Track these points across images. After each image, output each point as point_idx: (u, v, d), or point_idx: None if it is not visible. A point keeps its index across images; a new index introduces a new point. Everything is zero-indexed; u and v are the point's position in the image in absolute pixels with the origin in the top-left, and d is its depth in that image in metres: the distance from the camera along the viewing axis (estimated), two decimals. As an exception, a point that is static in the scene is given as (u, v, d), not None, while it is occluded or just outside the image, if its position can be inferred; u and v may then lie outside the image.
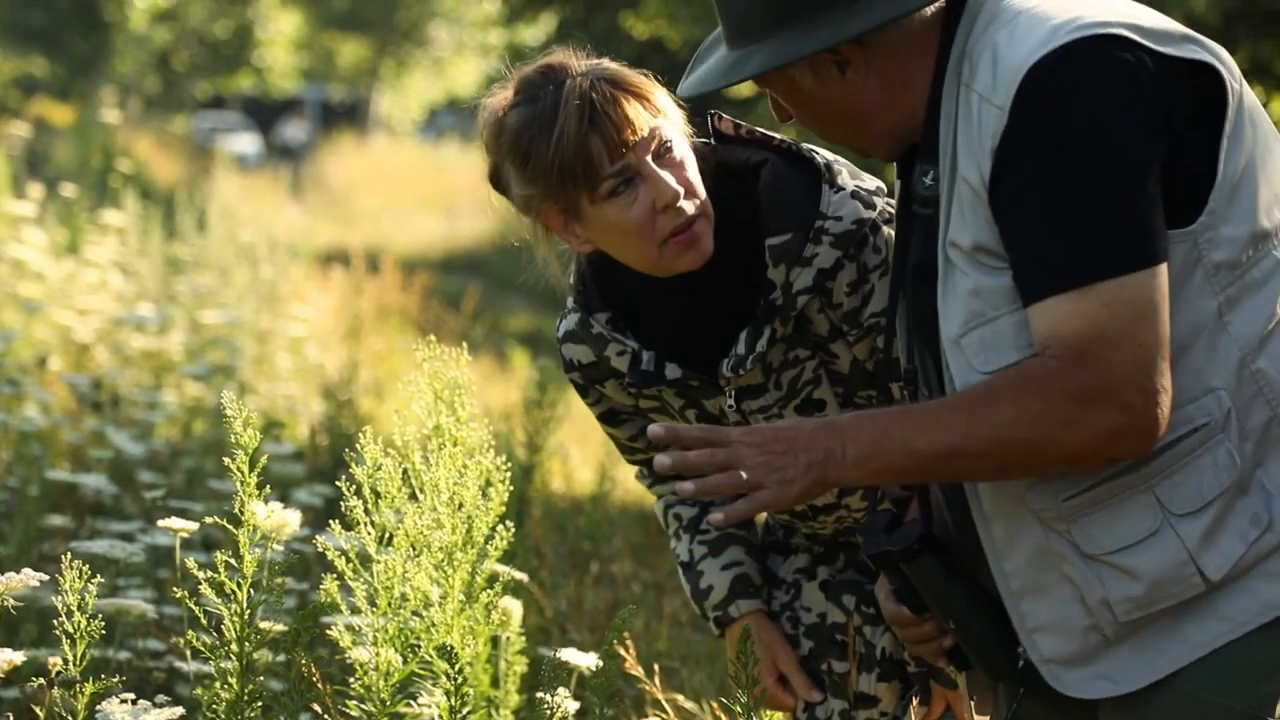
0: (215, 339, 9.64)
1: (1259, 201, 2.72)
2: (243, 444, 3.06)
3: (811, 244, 3.08)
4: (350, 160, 37.73)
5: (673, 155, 3.04)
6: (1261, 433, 2.72)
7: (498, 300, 20.94)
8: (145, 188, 17.36)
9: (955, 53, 2.78)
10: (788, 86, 2.83)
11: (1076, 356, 2.62)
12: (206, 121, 48.62)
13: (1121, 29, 2.68)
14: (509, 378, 13.16)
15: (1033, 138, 2.65)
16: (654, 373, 3.17)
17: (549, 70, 3.06)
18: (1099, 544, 2.73)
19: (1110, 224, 2.63)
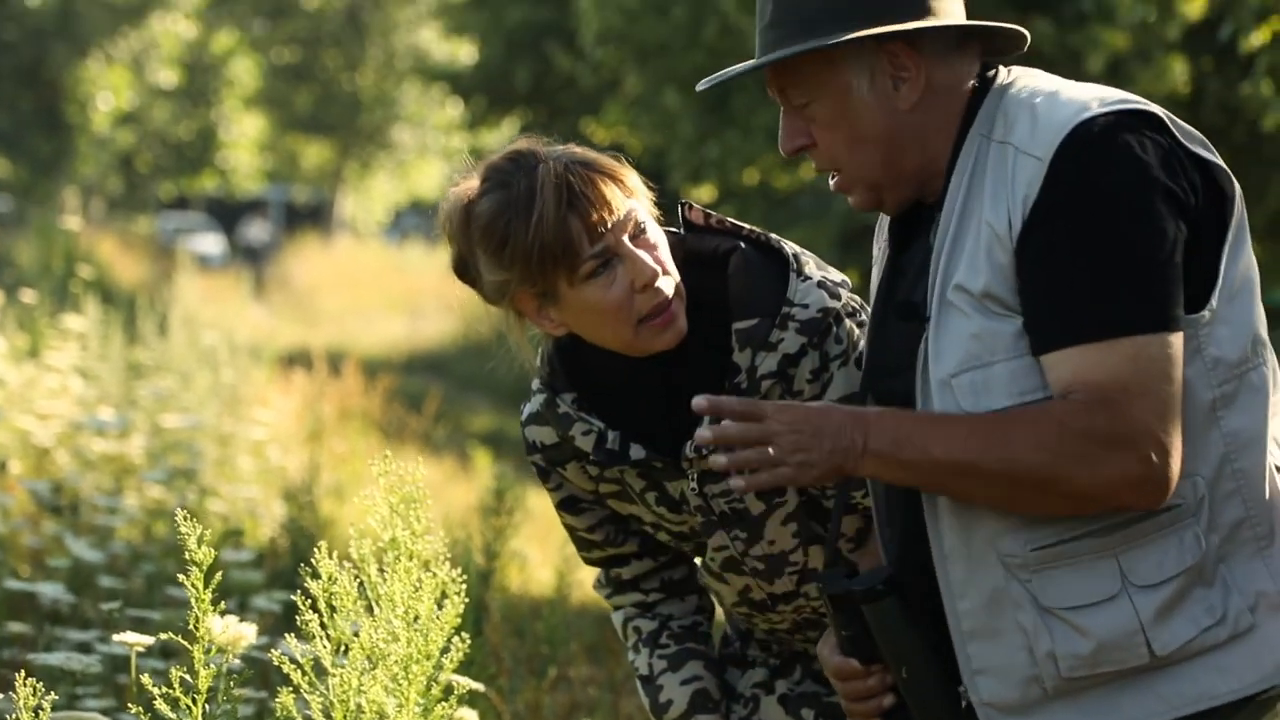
0: (176, 443, 9.64)
1: (1255, 314, 2.82)
2: (197, 560, 3.08)
3: (778, 329, 3.11)
4: (314, 261, 37.74)
5: (647, 236, 3.08)
6: (1231, 529, 2.79)
7: (461, 400, 20.94)
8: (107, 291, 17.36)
9: (984, 113, 2.85)
10: (839, 91, 2.86)
11: (1101, 402, 2.68)
12: (170, 222, 48.59)
13: (1159, 113, 2.79)
14: (471, 478, 13.16)
15: (1072, 193, 2.73)
16: (619, 452, 3.18)
17: (519, 156, 3.09)
18: (1056, 598, 2.79)
19: (1140, 283, 2.70)
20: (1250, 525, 2.79)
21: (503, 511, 6.91)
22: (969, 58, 2.90)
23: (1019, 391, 2.75)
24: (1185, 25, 13.37)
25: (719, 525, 3.24)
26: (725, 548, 3.26)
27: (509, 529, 6.94)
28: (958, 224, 2.81)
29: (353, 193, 48.36)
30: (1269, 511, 2.80)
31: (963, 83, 2.88)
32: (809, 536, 3.24)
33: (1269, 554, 2.80)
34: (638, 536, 3.38)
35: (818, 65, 2.85)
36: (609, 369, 3.19)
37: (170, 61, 40.60)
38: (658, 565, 3.42)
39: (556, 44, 21.51)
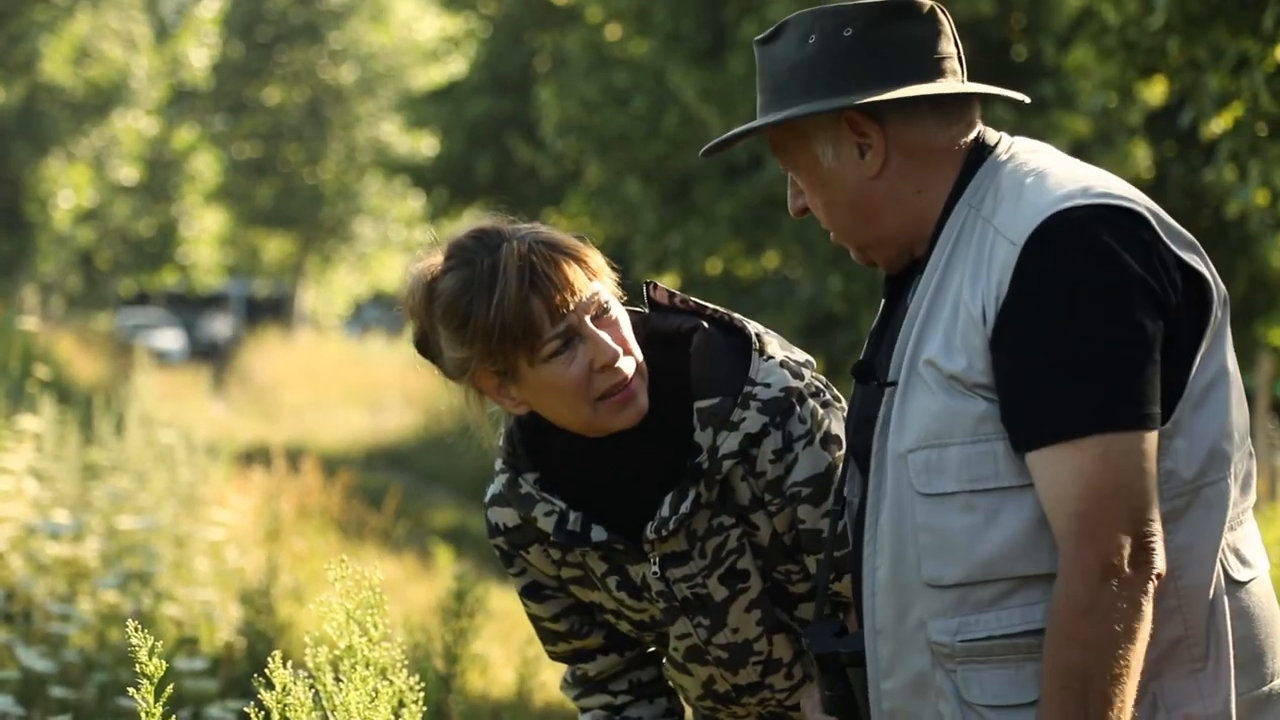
0: (132, 545, 9.52)
1: (1223, 424, 2.76)
2: (149, 673, 3.00)
3: (739, 409, 3.10)
4: (275, 355, 37.67)
5: (610, 316, 3.08)
6: (1168, 647, 2.72)
7: (422, 495, 20.83)
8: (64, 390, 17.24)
9: (976, 182, 2.83)
10: (810, 161, 2.89)
11: (1081, 532, 2.65)
12: (130, 319, 48.52)
13: (1146, 212, 2.74)
14: (432, 576, 13.05)
15: (1044, 284, 2.69)
16: (580, 534, 3.16)
17: (483, 234, 3.09)
18: (981, 695, 2.74)
19: (1112, 381, 2.67)
20: (1187, 645, 2.73)
21: (463, 613, 6.82)
22: (954, 120, 2.88)
23: (969, 479, 2.72)
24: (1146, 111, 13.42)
25: (681, 611, 3.20)
26: (688, 635, 3.22)
27: (470, 631, 6.85)
28: (934, 295, 2.80)
29: (314, 286, 48.36)
30: (1209, 633, 2.74)
31: (946, 142, 2.87)
32: (773, 624, 3.21)
33: (1202, 676, 2.74)
34: (603, 629, 3.34)
35: (790, 136, 2.89)
36: (571, 449, 3.18)
37: (131, 158, 40.64)
38: (625, 663, 3.36)
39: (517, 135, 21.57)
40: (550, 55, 23.69)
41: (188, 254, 44.59)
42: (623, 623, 3.28)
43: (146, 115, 40.81)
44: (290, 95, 44.89)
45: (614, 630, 3.33)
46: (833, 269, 16.60)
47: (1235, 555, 2.79)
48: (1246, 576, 2.81)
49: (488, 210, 3.29)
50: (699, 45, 17.76)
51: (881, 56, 2.84)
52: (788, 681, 3.26)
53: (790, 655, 3.24)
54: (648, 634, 3.29)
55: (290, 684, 3.03)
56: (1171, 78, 8.92)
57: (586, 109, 17.59)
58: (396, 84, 42.96)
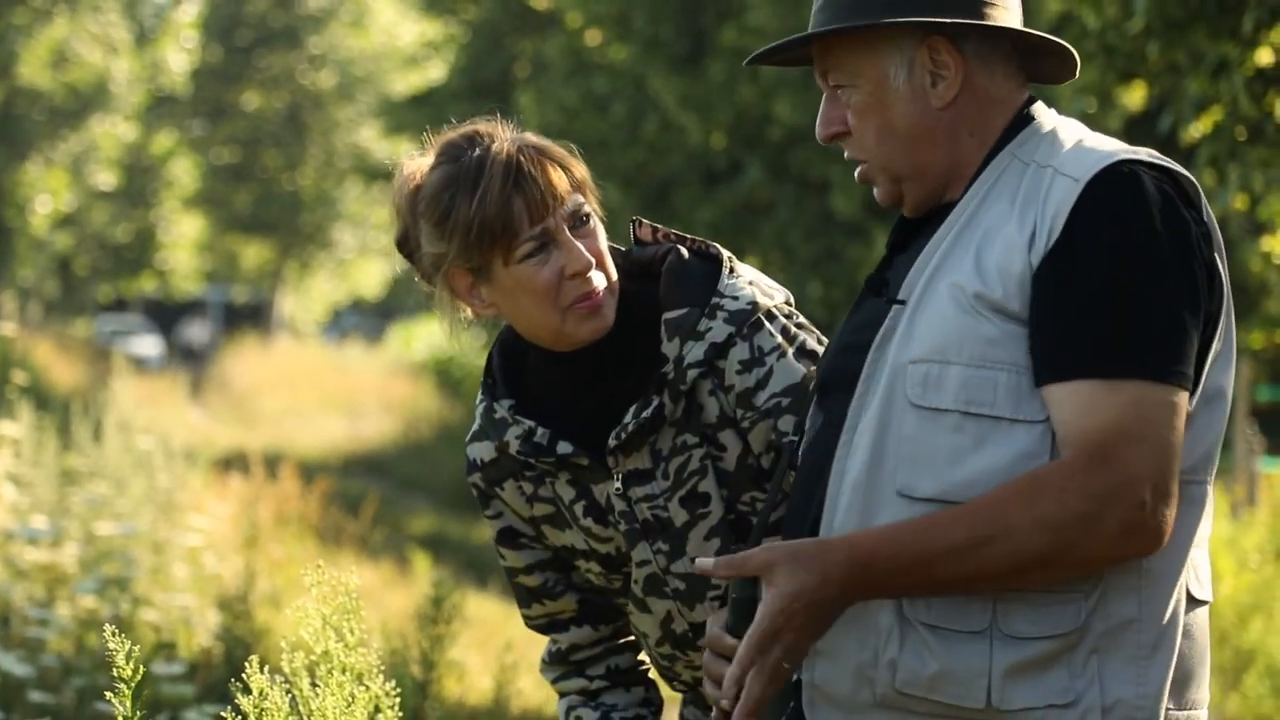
0: (110, 551, 9.50)
1: (1219, 432, 2.77)
2: (126, 677, 2.99)
3: (706, 319, 3.13)
4: (253, 361, 37.64)
5: (588, 227, 3.12)
6: (1119, 625, 2.72)
7: (400, 501, 20.82)
8: (42, 395, 17.21)
9: (1022, 136, 2.83)
10: (877, 78, 2.85)
11: (1098, 455, 2.64)
12: (107, 324, 48.46)
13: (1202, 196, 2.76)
14: (410, 583, 13.04)
15: (1105, 223, 2.69)
16: (545, 446, 3.18)
17: (474, 135, 3.14)
18: (920, 612, 2.73)
19: (1160, 332, 2.66)
20: (1138, 630, 2.72)
21: (440, 620, 6.81)
22: (1015, 73, 2.89)
23: (966, 400, 2.71)
24: (1126, 115, 13.45)
25: (642, 535, 3.21)
26: (648, 562, 3.22)
27: (447, 638, 6.83)
28: (963, 227, 2.79)
29: (292, 292, 48.34)
30: (1162, 625, 2.73)
31: (1005, 95, 2.87)
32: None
33: (1144, 665, 2.72)
34: (576, 593, 3.35)
35: (859, 49, 2.86)
36: (547, 374, 3.22)
37: (109, 163, 40.60)
38: (601, 646, 3.37)
39: (496, 142, 21.55)
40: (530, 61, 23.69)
41: (166, 260, 44.55)
42: (593, 566, 3.28)
43: (125, 120, 40.77)
44: (269, 100, 44.88)
45: (587, 598, 3.34)
46: (812, 275, 16.62)
47: (1194, 573, 2.79)
48: (1202, 597, 2.80)
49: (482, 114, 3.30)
50: (678, 51, 17.78)
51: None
52: None
53: None
54: (616, 578, 3.29)
55: (267, 689, 3.03)
56: (1151, 82, 8.94)
57: (566, 115, 17.61)
58: (376, 89, 42.97)
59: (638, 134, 17.95)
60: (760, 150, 17.31)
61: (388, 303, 54.83)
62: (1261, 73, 7.85)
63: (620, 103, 18.01)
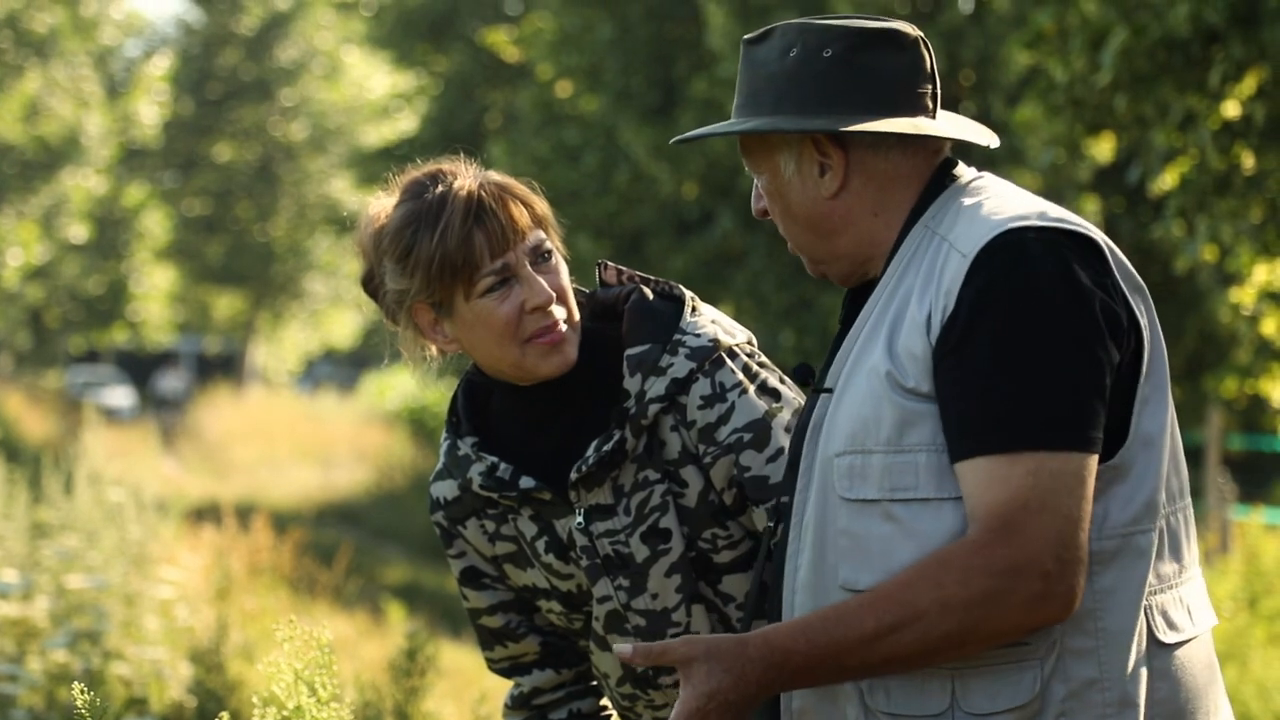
0: (81, 604, 9.45)
1: (1159, 475, 2.75)
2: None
3: (668, 355, 3.17)
4: (226, 412, 37.55)
5: (550, 263, 3.17)
6: (1081, 687, 2.71)
7: (374, 551, 20.76)
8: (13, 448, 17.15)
9: (936, 205, 2.85)
10: (771, 170, 2.91)
11: (999, 530, 2.64)
12: (79, 376, 48.33)
13: (1103, 244, 2.76)
14: (384, 633, 12.99)
15: (994, 294, 2.70)
16: (508, 481, 3.20)
17: (437, 173, 3.19)
18: (883, 703, 2.75)
19: (1054, 398, 2.66)
20: (1100, 689, 2.71)
21: (415, 671, 6.79)
22: (919, 149, 2.89)
23: (890, 487, 2.73)
24: (1095, 167, 13.52)
25: (603, 570, 3.22)
26: (609, 598, 3.23)
27: (422, 689, 6.81)
28: (882, 307, 2.81)
29: (265, 343, 48.26)
30: (1125, 681, 2.73)
31: (909, 170, 2.88)
32: (691, 593, 3.21)
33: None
34: (539, 636, 3.36)
35: (755, 142, 2.93)
36: (508, 408, 3.26)
37: (81, 216, 40.52)
38: (564, 690, 3.38)
39: (468, 193, 21.58)
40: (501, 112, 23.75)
41: (138, 311, 44.44)
42: (554, 605, 3.29)
43: (96, 173, 40.72)
44: (241, 152, 44.87)
45: (550, 641, 3.35)
46: (785, 323, 16.65)
47: (1162, 617, 2.78)
48: (1174, 640, 2.79)
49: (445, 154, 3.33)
50: (649, 102, 17.84)
51: (856, 82, 2.85)
52: None
53: (709, 630, 3.23)
54: (577, 617, 3.30)
55: (239, 745, 3.02)
56: (1119, 134, 8.99)
57: (538, 165, 17.64)
58: (347, 141, 43.00)
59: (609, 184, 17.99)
60: (732, 199, 17.36)
61: (361, 352, 54.75)
62: (1228, 125, 7.91)
63: (592, 153, 18.05)
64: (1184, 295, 13.70)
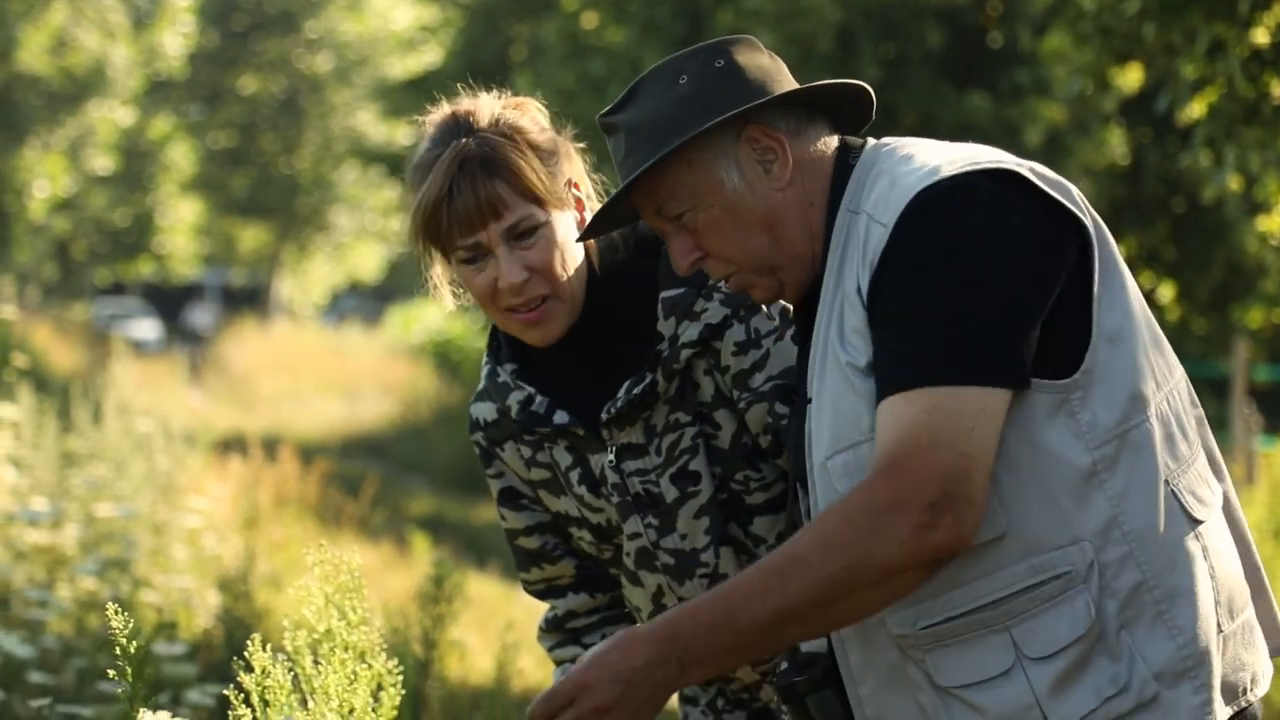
0: (110, 533, 9.51)
1: (1136, 367, 2.76)
2: (128, 654, 3.00)
3: (702, 299, 3.14)
4: (251, 345, 37.61)
5: (531, 239, 3.12)
6: (1130, 595, 2.73)
7: (399, 483, 20.82)
8: (42, 378, 17.21)
9: (850, 187, 2.86)
10: (712, 189, 2.88)
11: (885, 468, 2.67)
12: (106, 308, 48.42)
13: (1017, 167, 2.76)
14: (410, 564, 13.05)
15: (911, 252, 2.73)
16: (543, 415, 3.21)
17: (454, 120, 3.17)
18: (952, 676, 2.75)
19: (958, 336, 2.69)
20: (1148, 589, 2.74)
21: (441, 599, 6.82)
22: (821, 129, 2.93)
23: None
24: (1122, 97, 13.45)
25: (633, 508, 3.23)
26: (639, 535, 3.25)
27: (448, 617, 6.85)
28: (829, 300, 2.83)
29: (290, 276, 48.29)
30: (1168, 572, 2.75)
31: (822, 154, 2.91)
32: (720, 535, 3.22)
33: (1170, 616, 2.74)
34: (574, 559, 3.37)
35: (685, 172, 2.89)
36: (550, 344, 3.24)
37: (107, 148, 40.52)
38: (598, 614, 3.39)
39: (493, 125, 21.52)
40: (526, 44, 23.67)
41: (164, 244, 44.49)
42: (584, 534, 3.31)
43: (122, 105, 40.69)
44: (266, 85, 44.81)
45: (585, 565, 3.37)
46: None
47: (1192, 496, 2.80)
48: (1203, 515, 2.80)
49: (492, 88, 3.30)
50: (675, 34, 17.76)
51: (757, 76, 2.89)
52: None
53: (737, 571, 3.24)
54: (607, 548, 3.31)
55: (269, 667, 3.04)
56: (1147, 63, 8.95)
57: (563, 97, 17.58)
58: (372, 73, 42.90)
59: (635, 116, 17.90)
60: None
61: (386, 286, 54.81)
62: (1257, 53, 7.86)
63: (617, 85, 17.98)
64: (1211, 225, 13.64)
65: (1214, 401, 15.42)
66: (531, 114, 3.22)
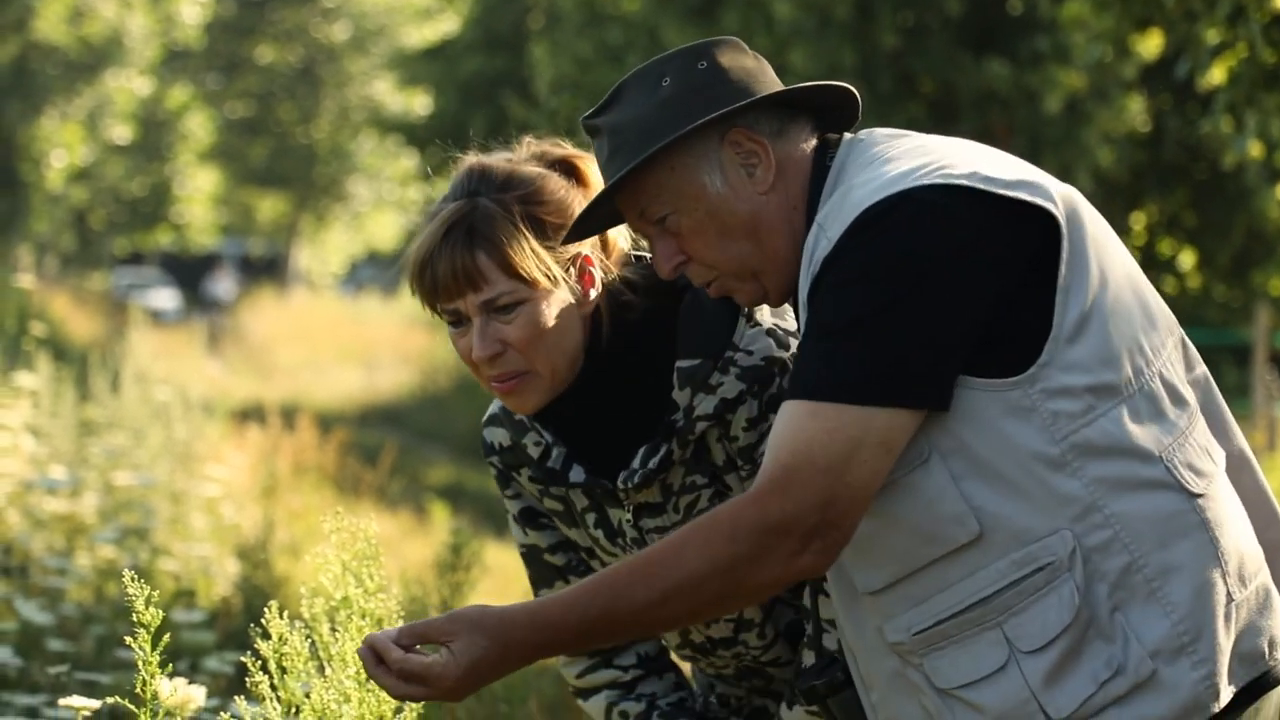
0: (129, 501, 9.53)
1: (1104, 352, 2.74)
2: (145, 621, 2.99)
3: (719, 373, 3.09)
4: (269, 314, 37.68)
5: (511, 314, 3.06)
6: (1119, 576, 2.72)
7: (417, 452, 20.85)
8: (60, 348, 17.24)
9: (824, 194, 2.86)
10: (695, 193, 2.87)
11: (781, 481, 2.67)
12: (124, 278, 48.50)
13: (961, 179, 2.73)
14: (428, 533, 13.07)
15: (844, 267, 2.72)
16: (559, 472, 3.17)
17: (468, 175, 3.12)
18: (949, 678, 2.76)
19: (878, 353, 2.68)
20: (1137, 569, 2.72)
21: (460, 567, 6.83)
22: (803, 129, 2.92)
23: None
24: (1142, 64, 13.40)
25: None
26: None
27: (466, 585, 6.85)
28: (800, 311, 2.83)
29: (308, 245, 48.34)
30: (1159, 550, 2.73)
31: (802, 161, 2.91)
32: None
33: (1164, 594, 2.73)
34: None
35: (668, 176, 2.88)
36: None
37: (124, 117, 40.54)
38: None
39: (511, 93, 21.52)
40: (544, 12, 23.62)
41: (182, 213, 44.54)
42: (595, 565, 3.28)
43: (139, 74, 40.72)
44: (283, 54, 44.81)
45: None
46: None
47: (1188, 470, 2.77)
48: (1202, 486, 2.78)
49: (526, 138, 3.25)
50: (692, 3, 17.72)
51: (741, 78, 2.89)
52: (760, 640, 3.26)
53: (760, 616, 3.24)
54: None
55: (287, 634, 3.05)
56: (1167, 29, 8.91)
57: (580, 66, 17.56)
58: (389, 42, 42.88)
59: (653, 84, 17.87)
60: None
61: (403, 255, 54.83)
62: (1278, 18, 7.82)
63: (634, 54, 17.95)
64: (1231, 192, 13.60)
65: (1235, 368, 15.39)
66: (553, 180, 3.14)
